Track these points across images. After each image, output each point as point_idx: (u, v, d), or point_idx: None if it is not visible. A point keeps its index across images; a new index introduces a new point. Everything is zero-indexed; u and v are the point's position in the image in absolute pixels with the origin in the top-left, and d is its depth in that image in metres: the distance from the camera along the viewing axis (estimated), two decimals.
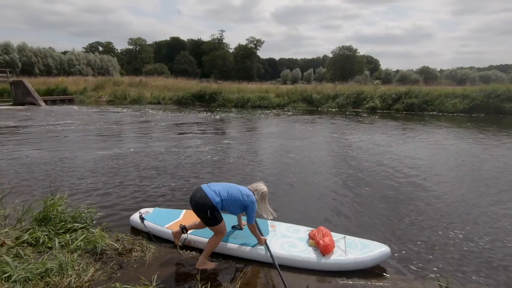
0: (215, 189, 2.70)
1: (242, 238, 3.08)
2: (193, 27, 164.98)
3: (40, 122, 12.64)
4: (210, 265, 2.76)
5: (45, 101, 21.48)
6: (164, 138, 9.35)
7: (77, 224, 3.17)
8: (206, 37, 76.16)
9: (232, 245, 2.98)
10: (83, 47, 70.43)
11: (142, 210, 3.63)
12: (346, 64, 60.80)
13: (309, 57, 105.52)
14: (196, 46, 71.57)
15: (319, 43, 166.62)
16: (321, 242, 2.87)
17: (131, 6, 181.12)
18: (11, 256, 2.49)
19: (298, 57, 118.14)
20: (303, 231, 3.25)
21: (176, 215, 3.56)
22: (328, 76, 60.17)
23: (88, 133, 10.12)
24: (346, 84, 25.91)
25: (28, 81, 22.30)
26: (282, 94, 22.18)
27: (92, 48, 70.77)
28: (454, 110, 17.33)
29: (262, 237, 2.92)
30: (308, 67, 77.89)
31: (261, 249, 2.91)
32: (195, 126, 11.99)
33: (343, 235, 3.10)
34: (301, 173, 5.83)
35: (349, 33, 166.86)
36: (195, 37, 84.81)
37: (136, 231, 3.43)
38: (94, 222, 3.42)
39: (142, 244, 3.02)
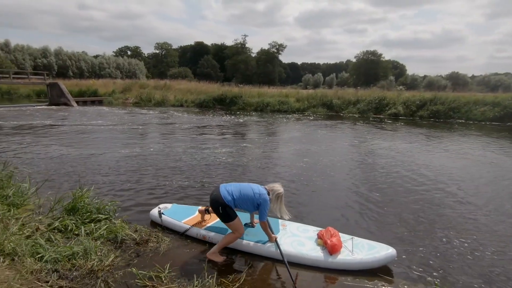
0: (228, 189, 2.93)
1: (254, 235, 3.22)
2: (217, 32, 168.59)
3: (74, 121, 13.49)
4: (220, 258, 2.93)
5: (77, 102, 22.81)
6: (185, 139, 9.69)
7: (101, 215, 3.45)
8: (229, 42, 77.77)
9: (243, 241, 3.12)
10: (113, 51, 74.24)
11: (161, 206, 3.86)
12: (370, 69, 59.52)
13: (332, 61, 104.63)
14: (219, 51, 73.01)
15: (342, 48, 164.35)
16: (328, 241, 2.96)
17: (158, 12, 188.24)
18: (44, 239, 2.79)
19: (321, 61, 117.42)
20: (312, 231, 3.34)
21: (192, 211, 3.75)
22: (351, 81, 59.20)
23: (115, 133, 10.69)
24: (368, 89, 25.40)
25: (62, 83, 23.81)
26: (302, 99, 22.13)
27: (121, 52, 74.34)
28: (483, 118, 16.50)
29: (272, 235, 3.05)
30: (330, 72, 77.07)
31: (271, 246, 3.03)
32: (215, 129, 12.30)
33: (351, 236, 3.16)
34: (316, 176, 5.87)
35: (375, 37, 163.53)
36: (218, 41, 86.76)
37: (153, 224, 3.67)
38: (116, 214, 3.69)
39: (158, 236, 3.24)
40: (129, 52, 75.64)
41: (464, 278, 2.82)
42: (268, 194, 2.98)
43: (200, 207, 3.63)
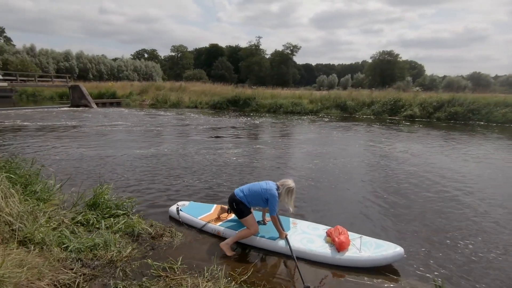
0: (241, 188, 3.24)
1: (265, 232, 3.36)
2: (231, 34, 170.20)
3: (95, 123, 14.05)
4: (230, 252, 3.08)
5: (97, 104, 23.68)
6: (199, 140, 9.92)
7: (119, 211, 3.69)
8: (243, 44, 78.23)
9: (255, 237, 3.26)
10: (131, 54, 76.49)
11: (179, 203, 4.07)
12: (386, 69, 58.43)
13: (347, 62, 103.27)
14: (234, 52, 73.70)
15: (358, 48, 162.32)
16: (336, 239, 3.05)
17: (174, 15, 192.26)
18: (69, 231, 3.01)
19: (336, 62, 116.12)
20: (322, 229, 3.43)
21: (208, 209, 3.94)
22: (366, 82, 58.26)
23: (134, 134, 11.07)
24: (383, 90, 24.92)
25: (83, 86, 24.78)
26: (316, 100, 22.01)
27: (138, 55, 76.42)
28: (504, 120, 15.85)
29: (283, 231, 3.19)
30: (345, 73, 76.25)
31: (281, 242, 3.16)
32: (230, 130, 12.49)
33: (359, 235, 3.22)
34: (329, 177, 5.92)
35: (391, 37, 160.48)
36: (233, 43, 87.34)
37: (168, 220, 3.87)
38: (133, 210, 3.92)
39: (171, 231, 3.43)
40: (146, 55, 77.66)
41: (471, 281, 2.82)
42: (278, 189, 3.11)
43: (222, 205, 3.88)
